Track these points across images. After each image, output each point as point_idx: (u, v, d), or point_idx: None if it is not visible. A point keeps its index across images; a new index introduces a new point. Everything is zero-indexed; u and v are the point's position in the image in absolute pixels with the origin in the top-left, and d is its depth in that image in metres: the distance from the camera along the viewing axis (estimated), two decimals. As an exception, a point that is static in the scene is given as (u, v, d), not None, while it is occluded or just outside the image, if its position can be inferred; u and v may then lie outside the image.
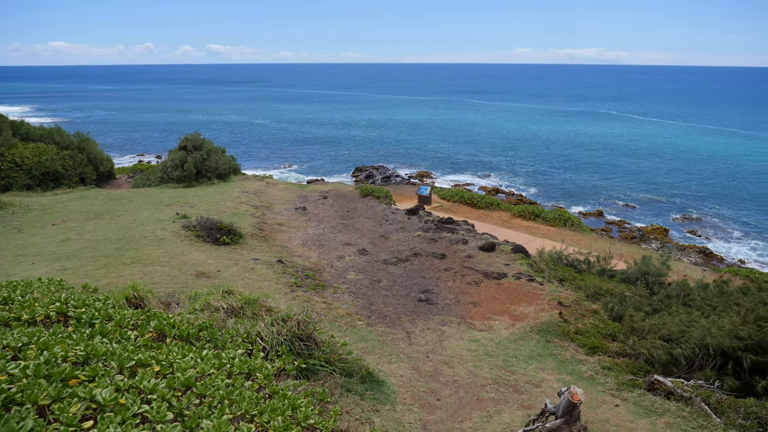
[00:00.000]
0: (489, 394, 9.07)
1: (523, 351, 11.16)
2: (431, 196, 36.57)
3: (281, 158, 68.13)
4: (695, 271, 26.49)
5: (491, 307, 13.79)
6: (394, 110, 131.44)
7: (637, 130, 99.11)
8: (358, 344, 10.72)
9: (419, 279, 15.68)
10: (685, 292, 15.09)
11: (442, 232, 20.87)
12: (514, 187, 54.83)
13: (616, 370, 10.59)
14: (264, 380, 5.51)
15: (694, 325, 11.54)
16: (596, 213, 45.81)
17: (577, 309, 13.70)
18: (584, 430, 6.77)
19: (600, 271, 18.55)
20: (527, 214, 34.48)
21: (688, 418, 8.55)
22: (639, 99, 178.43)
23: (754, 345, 10.21)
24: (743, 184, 57.41)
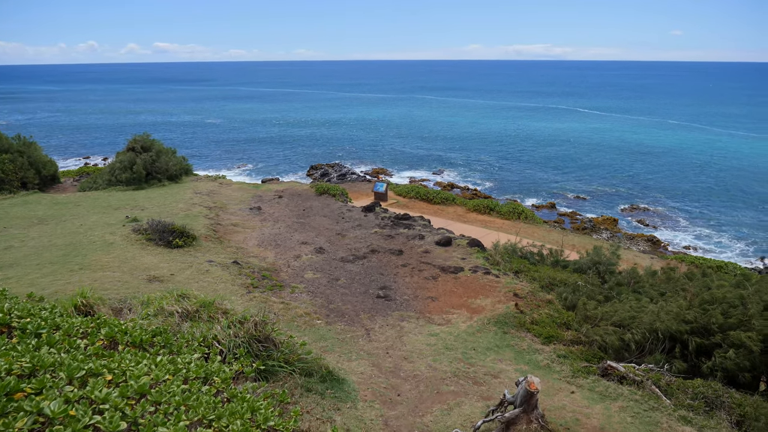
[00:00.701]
0: (449, 387, 9.16)
1: (482, 343, 11.33)
2: (387, 193, 36.69)
3: (235, 158, 67.05)
4: (644, 259, 27.44)
5: (449, 301, 13.94)
6: (349, 108, 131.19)
7: (585, 124, 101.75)
8: (318, 343, 10.66)
9: (377, 276, 15.71)
10: (635, 280, 15.62)
11: (398, 228, 20.96)
12: (469, 182, 55.52)
13: (571, 357, 10.87)
14: (222, 384, 5.42)
15: (643, 311, 11.95)
16: (549, 205, 46.85)
17: (532, 300, 14.00)
18: (542, 417, 6.92)
19: (554, 262, 19.00)
20: (482, 208, 35.00)
21: (640, 401, 8.85)
22: (586, 94, 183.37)
23: (699, 328, 10.64)
24: (687, 175, 59.74)
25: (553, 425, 7.40)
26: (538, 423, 6.71)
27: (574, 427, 7.94)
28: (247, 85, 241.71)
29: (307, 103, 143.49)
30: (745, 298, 10.89)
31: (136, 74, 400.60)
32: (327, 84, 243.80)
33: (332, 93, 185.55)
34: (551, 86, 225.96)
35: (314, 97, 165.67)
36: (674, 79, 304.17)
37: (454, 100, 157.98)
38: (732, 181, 56.90)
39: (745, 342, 9.67)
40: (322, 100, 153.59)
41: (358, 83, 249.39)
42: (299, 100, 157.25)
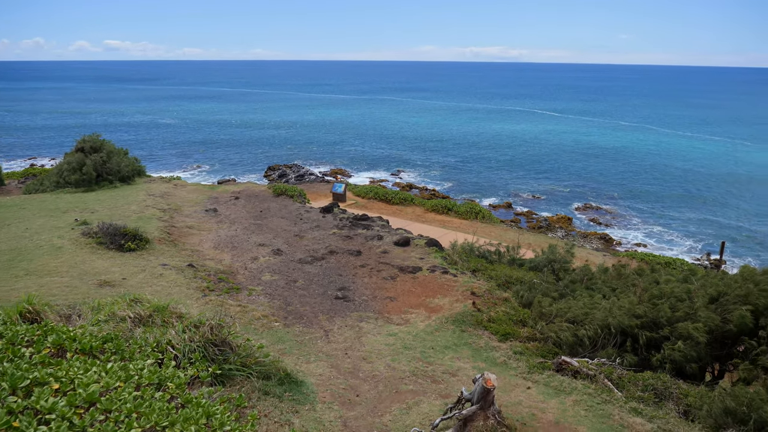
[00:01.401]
0: (408, 386, 9.22)
1: (440, 342, 11.43)
2: (346, 194, 36.64)
3: (190, 159, 65.77)
4: (597, 257, 28.21)
5: (407, 300, 14.02)
6: (308, 108, 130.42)
7: (541, 125, 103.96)
8: (276, 346, 10.56)
9: (336, 277, 15.67)
10: (588, 277, 16.04)
11: (357, 228, 20.95)
12: (427, 182, 55.95)
13: (527, 354, 11.08)
14: (176, 390, 5.32)
15: (596, 307, 12.28)
16: (505, 205, 47.65)
17: (489, 298, 14.20)
18: (498, 413, 7.03)
19: (510, 260, 19.33)
20: (440, 209, 35.32)
21: (594, 394, 9.09)
22: (542, 95, 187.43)
23: (649, 322, 11.01)
24: (638, 174, 61.72)
25: (509, 420, 7.53)
26: (494, 419, 6.82)
27: (530, 421, 8.10)
28: (203, 84, 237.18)
29: (266, 103, 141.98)
30: (692, 292, 11.32)
31: (85, 72, 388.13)
32: (285, 84, 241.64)
33: (291, 93, 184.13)
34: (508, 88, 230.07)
35: (272, 98, 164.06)
36: (624, 82, 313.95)
37: (413, 101, 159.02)
38: (680, 180, 59.08)
39: (692, 334, 10.04)
40: (280, 101, 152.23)
41: (316, 83, 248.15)
42: (257, 100, 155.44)
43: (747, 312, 9.83)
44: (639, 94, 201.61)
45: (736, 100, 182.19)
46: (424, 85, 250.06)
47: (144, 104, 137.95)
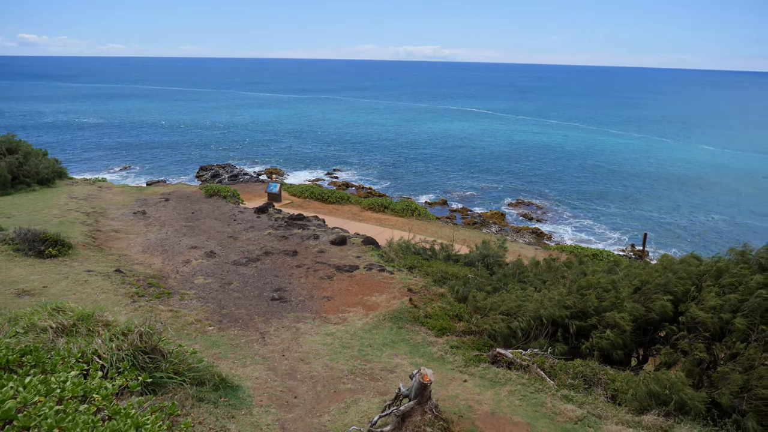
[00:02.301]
0: (346, 386, 9.19)
1: (377, 339, 11.46)
2: (281, 193, 36.19)
3: (116, 160, 63.06)
4: (529, 251, 29.12)
5: (345, 299, 13.98)
6: (242, 107, 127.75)
7: (475, 124, 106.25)
8: (210, 350, 10.29)
9: (271, 278, 15.43)
10: (520, 270, 16.53)
11: (292, 228, 20.72)
12: (364, 180, 56.04)
13: (464, 348, 11.28)
14: (102, 401, 5.08)
15: (528, 299, 12.67)
16: (441, 202, 48.38)
17: (425, 294, 14.37)
18: (435, 407, 7.12)
19: (446, 256, 19.64)
20: (377, 207, 35.47)
21: (527, 384, 9.37)
22: (476, 95, 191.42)
23: (578, 312, 11.45)
24: (568, 171, 64.14)
25: (446, 414, 7.64)
26: (432, 413, 6.89)
27: (467, 413, 8.25)
28: (128, 82, 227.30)
29: (198, 103, 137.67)
30: (616, 282, 11.85)
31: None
32: (218, 82, 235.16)
33: (224, 92, 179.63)
34: (443, 87, 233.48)
35: (204, 97, 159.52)
36: (554, 81, 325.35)
37: (350, 100, 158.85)
38: (607, 176, 61.85)
39: (618, 322, 10.51)
40: (212, 100, 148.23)
41: (251, 82, 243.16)
42: (188, 99, 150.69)
43: (667, 302, 10.38)
44: (568, 94, 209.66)
45: (656, 99, 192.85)
46: (361, 84, 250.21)
47: (66, 103, 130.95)
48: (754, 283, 9.57)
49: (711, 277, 10.53)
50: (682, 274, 10.82)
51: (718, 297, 9.71)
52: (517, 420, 8.16)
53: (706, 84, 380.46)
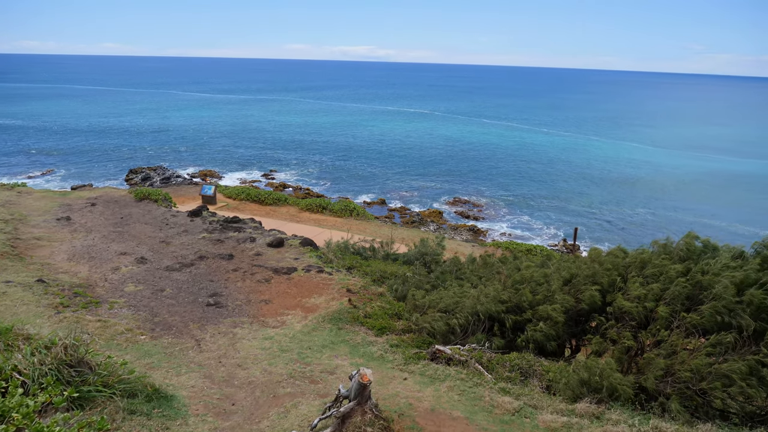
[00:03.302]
0: (285, 390, 9.06)
1: (317, 341, 11.37)
2: (216, 196, 35.37)
3: (37, 164, 59.70)
4: (466, 248, 29.67)
5: (283, 302, 13.79)
6: (172, 108, 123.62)
7: (411, 123, 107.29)
8: (142, 360, 9.90)
9: (207, 283, 15.02)
10: (458, 267, 16.79)
11: (228, 231, 20.26)
12: (302, 181, 55.53)
13: (403, 346, 11.35)
14: (23, 420, 4.79)
15: (466, 295, 12.88)
16: (380, 201, 48.56)
17: (365, 294, 14.38)
18: (375, 407, 7.12)
19: (384, 255, 19.72)
20: (315, 207, 35.24)
21: (466, 378, 9.52)
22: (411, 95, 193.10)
23: (513, 307, 11.75)
24: (503, 168, 65.81)
25: (387, 413, 7.65)
26: (372, 413, 6.89)
27: (408, 411, 8.30)
28: (47, 81, 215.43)
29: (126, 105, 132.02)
30: (549, 276, 12.24)
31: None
32: (146, 82, 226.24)
33: (153, 92, 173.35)
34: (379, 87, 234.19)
35: (131, 97, 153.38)
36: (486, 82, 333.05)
37: (285, 100, 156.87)
38: (540, 173, 63.89)
39: (551, 315, 10.85)
40: (141, 100, 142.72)
41: (181, 81, 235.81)
42: (114, 99, 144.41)
43: (596, 291, 10.80)
44: (500, 94, 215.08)
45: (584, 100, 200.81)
46: (296, 84, 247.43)
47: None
48: (674, 272, 10.10)
49: (635, 268, 11.04)
50: (608, 266, 11.29)
51: (642, 287, 10.19)
52: (457, 415, 8.28)
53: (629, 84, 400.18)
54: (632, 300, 10.09)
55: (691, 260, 10.61)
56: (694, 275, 9.91)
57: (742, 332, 8.87)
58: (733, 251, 10.48)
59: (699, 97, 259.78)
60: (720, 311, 9.05)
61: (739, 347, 8.75)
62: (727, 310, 9.02)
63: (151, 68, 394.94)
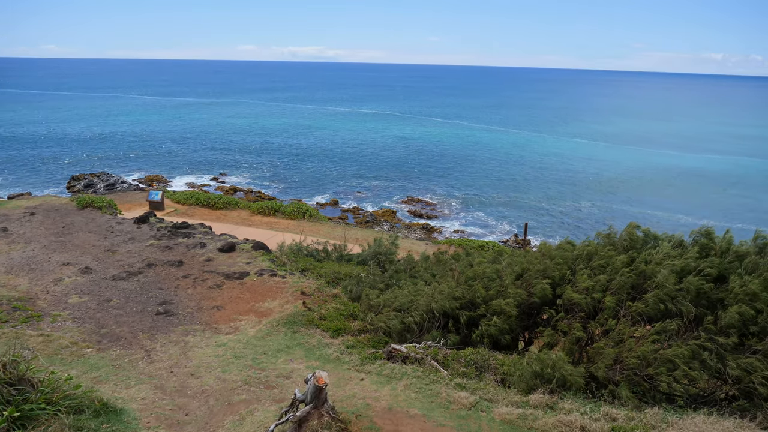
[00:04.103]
0: (240, 397, 8.88)
1: (272, 346, 11.20)
2: (164, 201, 34.47)
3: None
4: (419, 246, 29.85)
5: (236, 308, 13.54)
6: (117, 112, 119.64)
7: (362, 124, 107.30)
8: (89, 374, 9.53)
9: (156, 291, 14.59)
10: (411, 266, 16.86)
11: (177, 237, 19.75)
12: (253, 184, 54.77)
13: (359, 346, 11.31)
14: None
15: (420, 293, 12.94)
16: (333, 203, 48.39)
17: (319, 296, 14.27)
18: (332, 409, 7.06)
19: (338, 257, 19.64)
20: (267, 210, 34.79)
21: (422, 376, 9.56)
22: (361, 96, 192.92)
23: (467, 303, 11.87)
24: (455, 166, 66.62)
25: (344, 414, 7.60)
26: (328, 416, 6.83)
27: (365, 412, 8.27)
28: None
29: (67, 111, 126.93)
30: (501, 271, 12.42)
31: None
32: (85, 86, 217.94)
33: (95, 95, 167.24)
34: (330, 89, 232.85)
35: (71, 101, 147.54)
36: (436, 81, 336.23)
37: (234, 102, 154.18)
38: (491, 170, 65.02)
39: (504, 309, 11.01)
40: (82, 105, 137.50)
41: (126, 85, 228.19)
42: (53, 103, 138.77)
43: (547, 285, 11.03)
44: (450, 93, 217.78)
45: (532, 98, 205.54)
46: (245, 85, 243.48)
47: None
48: (619, 263, 10.42)
49: (583, 260, 11.34)
50: (558, 259, 11.55)
51: (589, 278, 10.47)
52: (414, 412, 8.30)
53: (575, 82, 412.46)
54: (581, 292, 10.35)
55: (635, 250, 10.97)
56: (638, 265, 10.26)
57: (684, 318, 9.23)
58: (672, 240, 10.90)
59: (640, 94, 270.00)
60: (663, 299, 9.39)
61: (681, 333, 9.10)
62: (669, 297, 9.37)
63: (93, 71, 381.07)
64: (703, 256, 10.10)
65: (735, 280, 9.23)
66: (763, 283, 8.85)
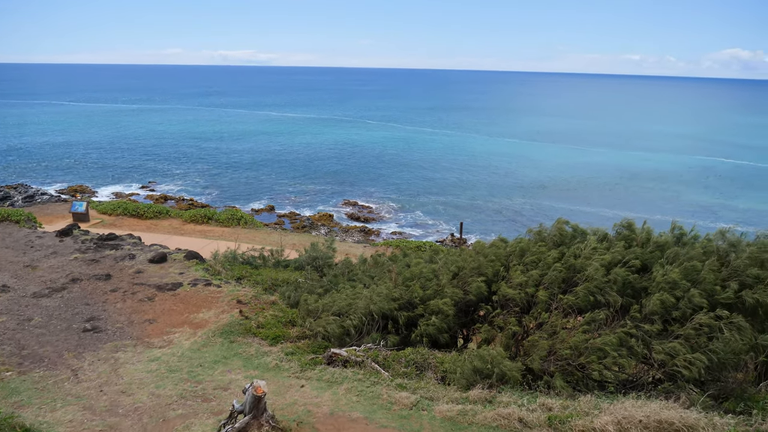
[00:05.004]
0: (176, 412, 8.58)
1: (208, 357, 10.89)
2: (89, 212, 32.94)
3: None
4: (357, 249, 29.85)
5: (169, 320, 13.08)
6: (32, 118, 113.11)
7: (295, 127, 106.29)
8: (9, 399, 8.96)
9: (82, 307, 13.89)
10: (349, 269, 16.82)
11: (104, 250, 18.90)
12: (184, 192, 53.16)
13: (299, 353, 11.17)
14: None
15: (358, 296, 12.92)
16: (268, 208, 47.64)
17: (256, 304, 14.00)
18: (272, 418, 6.94)
19: (275, 263, 19.35)
20: (200, 218, 33.91)
21: (363, 379, 9.55)
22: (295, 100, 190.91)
23: (405, 303, 11.94)
24: (389, 168, 67.01)
25: (284, 423, 7.48)
26: (268, 425, 6.71)
27: (306, 418, 8.17)
28: None
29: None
30: (437, 271, 12.58)
31: None
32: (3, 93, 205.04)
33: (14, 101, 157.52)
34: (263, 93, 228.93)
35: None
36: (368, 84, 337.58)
37: (161, 107, 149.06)
38: (426, 171, 65.84)
39: (441, 308, 11.15)
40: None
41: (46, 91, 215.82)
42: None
43: (482, 282, 11.26)
44: (383, 96, 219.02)
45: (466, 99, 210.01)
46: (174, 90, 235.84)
47: None
48: (550, 258, 10.77)
49: (516, 256, 11.65)
50: (492, 257, 11.81)
51: (522, 274, 10.76)
52: (356, 416, 8.27)
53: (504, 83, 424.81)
54: (515, 287, 10.62)
55: (564, 245, 11.37)
56: (568, 260, 10.63)
57: (611, 308, 9.65)
58: (598, 234, 11.36)
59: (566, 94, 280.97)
60: (592, 291, 9.78)
61: (609, 322, 9.50)
62: (598, 289, 9.77)
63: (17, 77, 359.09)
64: (627, 247, 10.59)
65: (657, 269, 9.72)
66: (683, 271, 9.36)
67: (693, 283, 9.25)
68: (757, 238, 9.83)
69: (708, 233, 10.80)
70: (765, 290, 8.69)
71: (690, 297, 8.92)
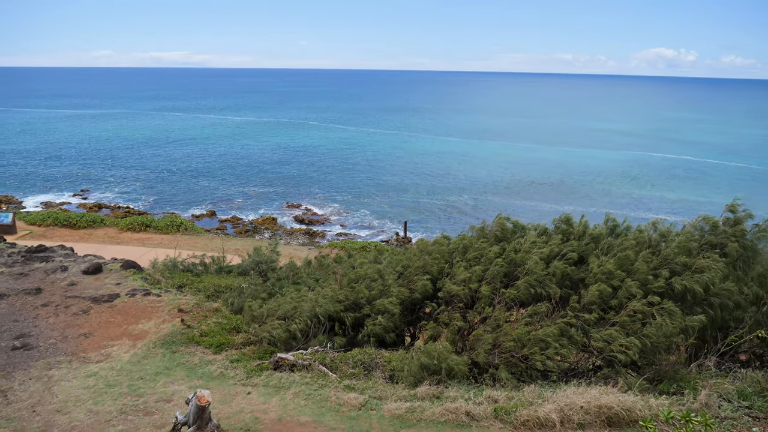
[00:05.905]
0: (116, 428, 8.25)
1: (149, 369, 10.53)
2: (15, 224, 31.30)
3: None
4: (302, 251, 29.61)
5: (106, 333, 12.57)
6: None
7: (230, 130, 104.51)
8: (-69, 427, 8.39)
9: (10, 324, 13.15)
10: (294, 272, 16.66)
11: (33, 263, 17.98)
12: (120, 199, 51.29)
13: (244, 360, 10.96)
14: None
15: (304, 300, 12.81)
16: (209, 213, 46.61)
17: (199, 312, 13.65)
18: (218, 428, 6.78)
19: (217, 269, 18.94)
20: (137, 226, 32.84)
21: (311, 382, 9.46)
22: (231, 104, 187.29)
23: (351, 304, 11.92)
24: (332, 169, 66.78)
25: (231, 431, 7.33)
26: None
27: (254, 426, 8.03)
28: None
29: None
30: (382, 271, 12.62)
31: None
32: None
33: None
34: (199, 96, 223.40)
35: None
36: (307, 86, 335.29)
37: (90, 112, 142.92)
38: (371, 171, 65.99)
39: (387, 307, 11.20)
40: None
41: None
42: None
43: (427, 280, 11.38)
44: (323, 97, 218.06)
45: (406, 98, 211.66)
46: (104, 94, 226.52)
47: None
48: (492, 254, 11.00)
49: (459, 253, 11.83)
50: (435, 254, 11.96)
51: (466, 270, 10.95)
52: (305, 419, 8.19)
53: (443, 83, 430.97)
54: (459, 284, 10.79)
55: (506, 240, 11.63)
56: (509, 254, 10.89)
57: (552, 300, 9.95)
58: (538, 228, 11.69)
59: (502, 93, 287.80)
60: (533, 284, 10.05)
61: (550, 313, 9.79)
62: (538, 282, 10.05)
63: None
64: (565, 240, 10.94)
65: (593, 261, 10.09)
66: (617, 262, 9.75)
67: (627, 273, 9.65)
68: (684, 228, 10.36)
69: (639, 224, 11.30)
70: (692, 277, 9.16)
71: (627, 287, 9.31)
